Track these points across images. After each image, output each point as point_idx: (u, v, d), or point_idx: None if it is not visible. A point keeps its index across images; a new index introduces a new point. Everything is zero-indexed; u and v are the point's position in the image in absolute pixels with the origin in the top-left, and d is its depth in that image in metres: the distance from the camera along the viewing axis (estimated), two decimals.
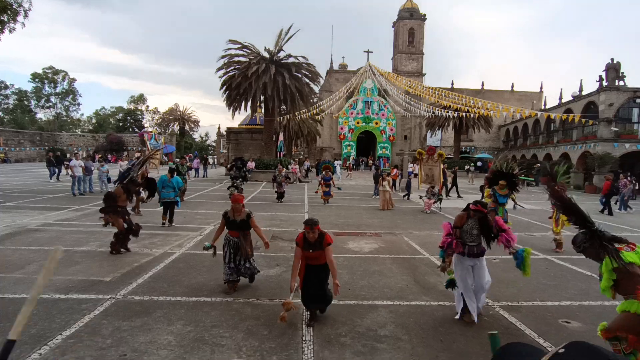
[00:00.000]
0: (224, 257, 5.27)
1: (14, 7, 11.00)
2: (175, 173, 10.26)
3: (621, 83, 26.75)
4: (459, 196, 19.09)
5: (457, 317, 4.61)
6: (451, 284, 4.62)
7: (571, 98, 31.91)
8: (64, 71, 63.89)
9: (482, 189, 12.45)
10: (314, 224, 4.21)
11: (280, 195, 15.16)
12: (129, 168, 7.88)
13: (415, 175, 30.11)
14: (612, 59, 26.87)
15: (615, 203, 16.02)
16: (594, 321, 4.68)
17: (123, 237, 7.02)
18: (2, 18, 10.84)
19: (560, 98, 34.21)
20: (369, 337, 4.09)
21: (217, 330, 4.11)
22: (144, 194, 8.60)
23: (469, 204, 4.63)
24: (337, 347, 3.85)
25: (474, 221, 4.54)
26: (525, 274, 4.44)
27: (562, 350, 0.60)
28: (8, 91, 61.93)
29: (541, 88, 51.11)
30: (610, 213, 14.82)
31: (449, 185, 19.38)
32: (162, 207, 9.85)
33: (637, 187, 17.70)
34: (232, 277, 5.21)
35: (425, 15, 50.03)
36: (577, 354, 0.58)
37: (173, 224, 9.72)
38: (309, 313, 4.49)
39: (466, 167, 32.67)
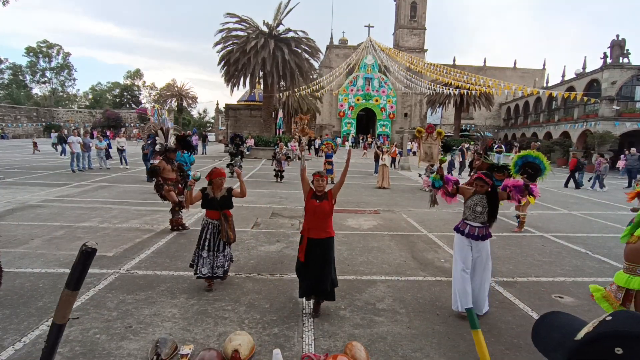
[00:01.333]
0: (198, 242, 4.55)
1: None
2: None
3: (625, 60, 26.36)
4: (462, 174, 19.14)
5: (456, 308, 4.15)
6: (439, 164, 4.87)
7: (574, 76, 31.51)
8: (58, 45, 62.76)
9: (471, 165, 12.45)
10: (323, 175, 4.05)
11: (279, 175, 14.56)
12: (152, 142, 7.67)
13: (414, 153, 30.10)
14: (617, 36, 26.36)
15: (589, 180, 16.38)
16: (586, 297, 4.80)
17: (179, 208, 7.01)
18: None
19: (563, 75, 33.80)
20: (368, 311, 4.20)
21: (219, 303, 4.22)
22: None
23: (473, 172, 4.54)
24: (337, 320, 3.97)
25: (480, 197, 4.07)
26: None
27: (609, 317, 0.62)
28: (2, 66, 60.86)
29: (544, 65, 50.57)
30: (578, 187, 15.81)
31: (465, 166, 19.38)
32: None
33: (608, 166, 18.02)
34: (204, 272, 4.45)
35: None
36: (624, 319, 0.59)
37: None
38: (312, 303, 4.15)
39: (466, 146, 32.56)
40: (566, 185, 16.21)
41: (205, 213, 4.63)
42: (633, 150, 17.11)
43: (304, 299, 4.19)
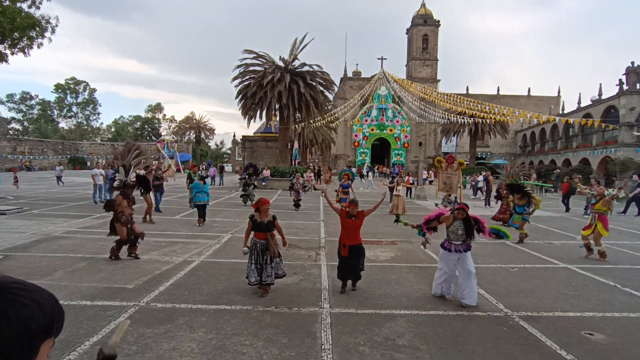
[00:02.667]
0: (250, 258, 5.54)
1: (42, 23, 11.51)
2: (187, 180, 11.37)
3: None
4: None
5: (434, 293, 5.64)
6: (397, 219, 6.74)
7: (590, 102, 31.30)
8: (85, 82, 66.14)
9: (499, 195, 12.52)
10: (356, 203, 5.94)
11: (297, 204, 15.28)
12: (112, 178, 8.15)
13: (430, 182, 29.91)
14: (632, 62, 26.31)
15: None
16: (619, 334, 4.60)
17: (127, 244, 7.25)
18: (31, 34, 11.35)
19: (579, 102, 33.62)
20: (388, 347, 4.11)
21: (238, 338, 4.20)
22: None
23: (453, 204, 5.54)
24: (356, 356, 3.89)
25: (459, 222, 5.38)
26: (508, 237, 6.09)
27: None
28: (33, 102, 64.26)
29: (559, 92, 50.33)
30: (567, 210, 16.32)
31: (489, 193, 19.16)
32: (194, 209, 11.50)
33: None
34: (252, 280, 5.45)
35: (439, 21, 49.99)
36: None
37: (205, 223, 11.16)
38: (342, 284, 5.80)
39: (483, 173, 32.28)
40: (567, 211, 16.44)
41: (254, 234, 5.58)
42: (635, 177, 16.81)
43: (323, 333, 4.14)
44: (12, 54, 11.40)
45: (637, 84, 26.15)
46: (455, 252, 5.39)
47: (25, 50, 11.48)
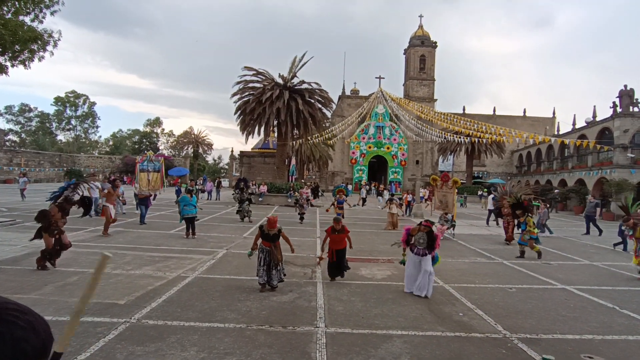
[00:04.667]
0: (258, 261, 6.44)
1: (44, 37, 11.62)
2: (187, 193, 11.82)
3: (635, 109, 26.54)
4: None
5: (406, 291, 6.71)
6: (403, 262, 7.06)
7: (585, 124, 31.71)
8: (85, 95, 66.48)
9: (499, 213, 12.55)
10: (339, 220, 7.36)
11: (302, 217, 16.04)
12: (64, 187, 8.19)
13: (427, 200, 29.95)
14: (625, 86, 26.78)
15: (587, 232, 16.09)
16: (618, 357, 4.52)
17: (50, 255, 7.26)
18: (32, 47, 11.44)
19: (574, 124, 34.04)
20: None
21: (230, 358, 4.09)
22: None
23: (421, 222, 6.86)
24: None
25: (423, 234, 6.63)
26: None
27: None
28: (31, 114, 64.36)
29: (554, 113, 51.03)
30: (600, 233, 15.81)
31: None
32: (182, 222, 11.62)
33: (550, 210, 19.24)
34: (261, 280, 6.38)
35: (436, 42, 50.97)
36: None
37: (195, 236, 11.19)
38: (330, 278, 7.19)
39: (479, 193, 32.43)
40: (587, 231, 16.03)
41: (262, 242, 6.55)
42: (590, 197, 17.19)
43: (318, 353, 4.03)
44: (13, 66, 11.46)
45: (630, 107, 26.57)
46: (416, 255, 6.62)
47: (26, 62, 11.55)
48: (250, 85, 26.78)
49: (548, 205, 17.86)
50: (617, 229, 14.17)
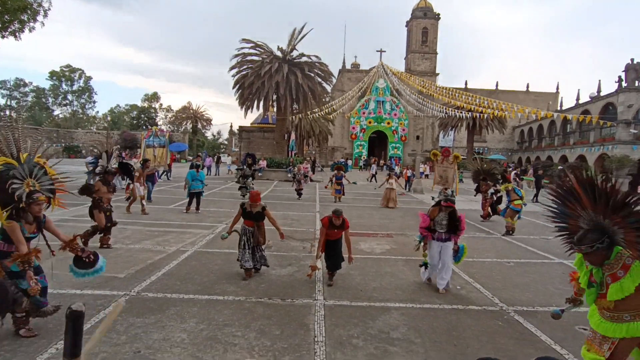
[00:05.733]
0: (240, 243, 5.78)
1: (34, 6, 11.22)
2: (194, 168, 11.77)
3: None
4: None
5: (424, 280, 5.92)
6: (425, 265, 5.88)
7: (589, 99, 31.29)
8: (80, 69, 65.33)
9: (478, 189, 12.42)
10: (340, 214, 5.48)
11: (300, 193, 15.67)
12: (95, 162, 8.00)
13: (426, 176, 29.92)
14: (632, 59, 26.25)
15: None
16: None
17: (101, 232, 7.13)
18: (22, 17, 11.06)
19: (578, 99, 33.61)
20: (382, 340, 4.06)
21: (229, 329, 4.13)
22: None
23: (439, 201, 5.80)
24: (350, 349, 3.83)
25: (444, 214, 5.62)
26: (456, 263, 5.83)
27: None
28: (27, 89, 63.45)
29: (557, 88, 50.27)
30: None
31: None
32: (187, 199, 11.52)
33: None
34: (247, 264, 5.66)
35: (439, 14, 49.60)
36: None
37: (199, 211, 11.27)
38: (328, 276, 5.77)
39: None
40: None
41: (244, 222, 5.83)
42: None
43: (316, 325, 4.08)
44: (3, 37, 11.11)
45: (636, 81, 26.12)
46: (437, 241, 5.66)
47: (17, 34, 11.20)
48: (249, 58, 26.24)
49: (517, 179, 18.29)
50: None
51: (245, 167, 15.50)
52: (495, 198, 11.76)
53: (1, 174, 3.62)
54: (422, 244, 5.83)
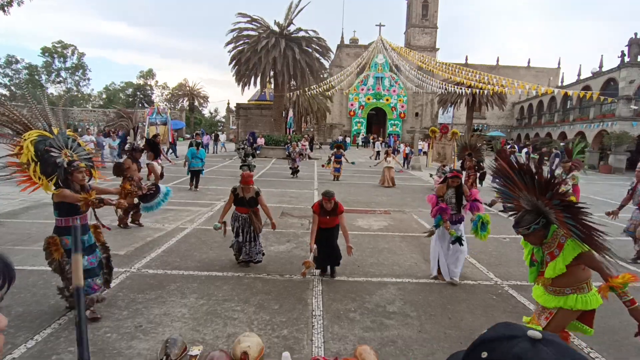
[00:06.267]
0: (233, 230, 5.32)
1: None
2: (194, 146, 11.76)
3: None
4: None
5: (432, 276, 5.19)
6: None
7: (590, 74, 30.87)
8: (73, 45, 63.77)
9: (463, 166, 12.23)
10: (331, 195, 4.77)
11: (294, 171, 15.55)
12: (123, 140, 7.94)
13: (425, 153, 29.87)
14: (636, 34, 25.71)
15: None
16: (602, 304, 4.68)
17: (132, 210, 7.15)
18: None
19: (579, 74, 33.17)
20: (378, 313, 4.15)
21: (229, 304, 4.21)
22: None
23: (446, 175, 5.29)
24: (347, 323, 3.92)
25: (452, 190, 5.09)
26: (478, 237, 5.02)
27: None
28: (19, 66, 62.15)
29: (559, 64, 49.50)
30: None
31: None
32: (188, 175, 11.58)
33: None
34: (245, 256, 5.26)
35: None
36: (496, 327, 0.64)
37: (198, 189, 11.35)
38: (320, 270, 5.11)
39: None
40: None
41: (236, 209, 5.30)
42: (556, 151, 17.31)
43: (314, 299, 4.16)
44: None
45: (639, 56, 25.69)
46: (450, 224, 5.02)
47: (5, 8, 10.88)
48: (245, 33, 25.67)
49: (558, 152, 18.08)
50: (610, 183, 14.32)
51: (246, 145, 15.49)
52: (478, 174, 11.59)
53: (38, 145, 3.59)
54: (440, 226, 5.09)
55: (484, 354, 0.63)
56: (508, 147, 25.86)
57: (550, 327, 2.74)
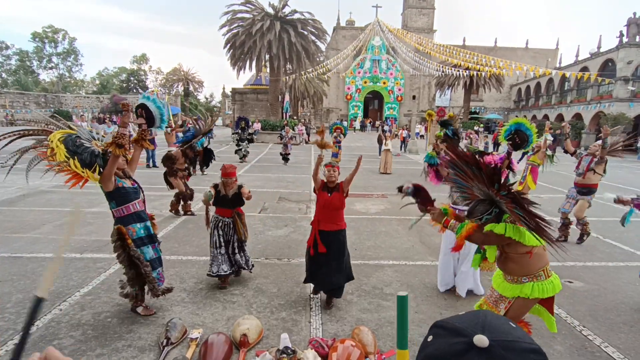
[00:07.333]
0: (212, 242, 4.23)
1: None
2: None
3: None
4: None
5: (442, 290, 4.34)
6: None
7: (588, 55, 30.65)
8: (63, 30, 62.51)
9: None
10: (334, 166, 4.08)
11: (285, 158, 15.12)
12: (191, 134, 7.81)
13: (422, 136, 29.79)
14: (634, 14, 25.44)
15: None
16: (596, 282, 4.77)
17: (184, 198, 7.29)
18: None
19: (577, 55, 32.94)
20: (375, 295, 4.22)
21: (227, 288, 4.26)
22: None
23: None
24: (344, 304, 3.99)
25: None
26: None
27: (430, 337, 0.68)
28: (9, 51, 60.97)
29: (557, 45, 49.01)
30: None
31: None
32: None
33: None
34: (222, 271, 4.15)
35: None
36: (449, 317, 0.67)
37: (205, 173, 10.93)
38: (318, 295, 4.09)
39: (475, 128, 32.24)
40: None
41: (216, 210, 4.29)
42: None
43: (312, 290, 4.18)
44: None
45: (637, 36, 25.49)
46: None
47: None
48: (239, 15, 25.21)
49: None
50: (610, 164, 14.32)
51: (239, 130, 15.33)
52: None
53: (66, 143, 3.55)
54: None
55: (429, 338, 0.69)
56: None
57: (508, 316, 2.78)
